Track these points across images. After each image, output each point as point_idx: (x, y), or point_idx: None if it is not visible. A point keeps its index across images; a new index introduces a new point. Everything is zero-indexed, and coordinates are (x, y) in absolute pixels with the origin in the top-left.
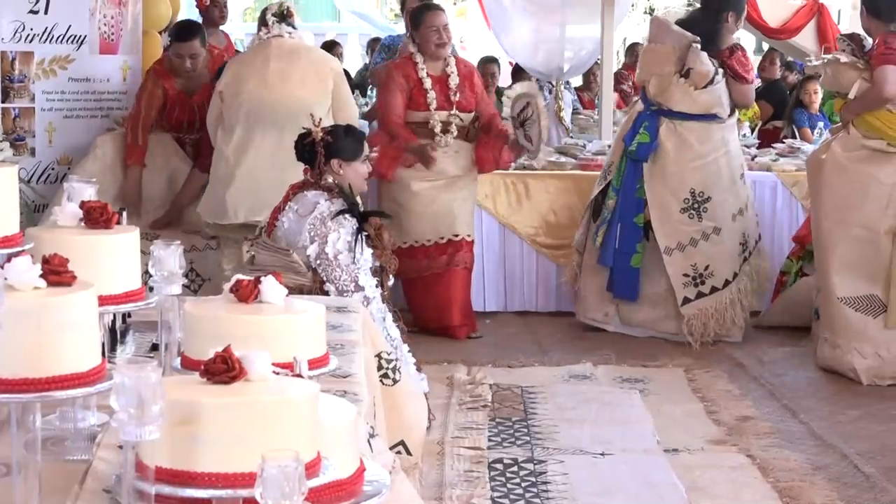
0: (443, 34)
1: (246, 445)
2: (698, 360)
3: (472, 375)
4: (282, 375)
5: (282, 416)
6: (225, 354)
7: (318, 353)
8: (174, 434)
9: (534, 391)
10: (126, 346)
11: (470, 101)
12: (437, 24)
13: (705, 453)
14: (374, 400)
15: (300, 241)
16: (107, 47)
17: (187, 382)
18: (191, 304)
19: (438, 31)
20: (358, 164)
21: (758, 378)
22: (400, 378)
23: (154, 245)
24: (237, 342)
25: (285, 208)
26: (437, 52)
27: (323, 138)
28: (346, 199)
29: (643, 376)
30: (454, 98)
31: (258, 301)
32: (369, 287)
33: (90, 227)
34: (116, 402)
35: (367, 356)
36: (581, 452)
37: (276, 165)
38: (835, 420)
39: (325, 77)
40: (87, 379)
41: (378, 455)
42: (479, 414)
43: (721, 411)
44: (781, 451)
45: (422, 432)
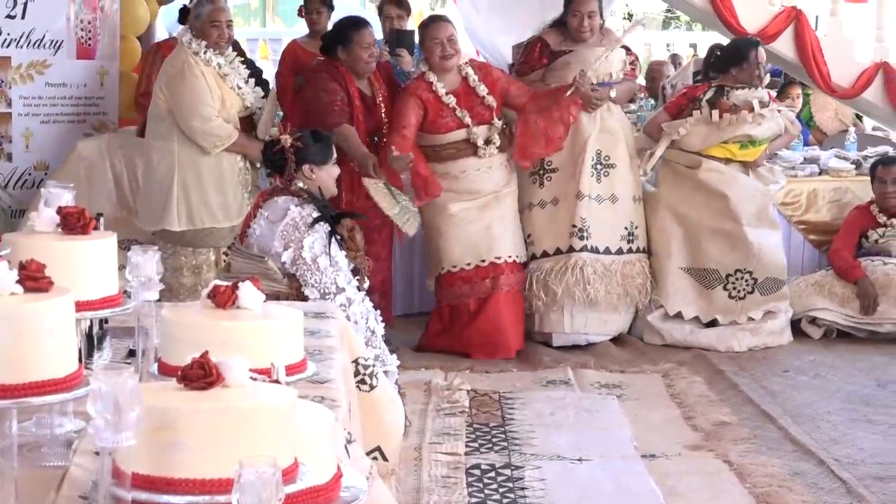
0: (447, 46)
1: (223, 451)
2: (676, 365)
3: (450, 381)
4: (259, 381)
5: (259, 422)
6: (202, 360)
7: (296, 358)
8: (151, 440)
9: (511, 397)
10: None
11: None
12: (441, 37)
13: (683, 459)
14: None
15: (273, 248)
16: (84, 52)
17: (164, 388)
18: (168, 309)
19: (442, 43)
20: (329, 168)
21: (736, 384)
22: (377, 384)
23: (131, 251)
24: (215, 348)
25: (256, 215)
26: (443, 64)
27: (293, 144)
28: (317, 202)
29: (621, 382)
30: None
31: (236, 307)
32: (350, 288)
33: (67, 232)
34: (93, 408)
35: (345, 362)
36: (558, 458)
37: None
38: (813, 426)
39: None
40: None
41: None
42: (456, 420)
43: (699, 417)
44: (759, 456)
45: (399, 438)
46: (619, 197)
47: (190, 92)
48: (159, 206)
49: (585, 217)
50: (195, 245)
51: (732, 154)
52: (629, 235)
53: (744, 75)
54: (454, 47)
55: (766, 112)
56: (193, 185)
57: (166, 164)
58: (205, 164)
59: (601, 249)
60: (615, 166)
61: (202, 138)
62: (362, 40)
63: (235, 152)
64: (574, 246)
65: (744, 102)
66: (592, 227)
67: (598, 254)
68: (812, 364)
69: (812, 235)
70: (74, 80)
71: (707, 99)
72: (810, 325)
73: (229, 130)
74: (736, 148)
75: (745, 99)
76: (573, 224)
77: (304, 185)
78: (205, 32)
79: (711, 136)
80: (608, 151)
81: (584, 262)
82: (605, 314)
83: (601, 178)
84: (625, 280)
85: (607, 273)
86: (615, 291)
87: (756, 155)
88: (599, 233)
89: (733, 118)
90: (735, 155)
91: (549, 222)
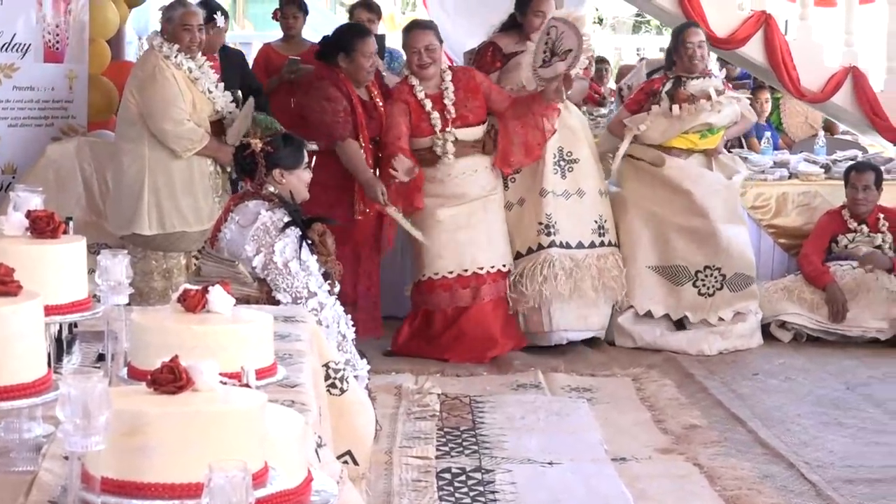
0: (423, 56)
1: (193, 455)
2: (647, 369)
3: (420, 385)
4: (229, 385)
5: (229, 426)
6: (172, 364)
7: (266, 362)
8: (121, 444)
9: (482, 400)
10: (72, 357)
11: (478, 112)
12: (418, 46)
13: (653, 462)
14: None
15: (244, 252)
16: (52, 56)
17: (134, 393)
18: (138, 313)
19: (419, 52)
20: (300, 172)
21: (706, 387)
22: (347, 388)
23: (101, 255)
24: (184, 352)
25: (227, 219)
26: (419, 73)
27: (263, 148)
28: (288, 206)
29: (591, 385)
30: (449, 116)
31: (206, 311)
32: (321, 292)
33: (36, 236)
34: (62, 412)
35: (315, 366)
36: (529, 462)
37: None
38: (783, 429)
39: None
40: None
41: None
42: (427, 423)
43: (669, 420)
44: (729, 459)
45: (369, 442)
46: (586, 191)
47: (161, 95)
48: (130, 210)
49: (551, 213)
50: (165, 249)
51: (694, 144)
52: (599, 229)
53: (682, 61)
54: (431, 56)
55: (722, 99)
56: (164, 188)
57: (137, 167)
58: (175, 167)
59: (573, 244)
60: (578, 161)
61: (173, 142)
62: (365, 49)
63: (206, 156)
64: (542, 243)
65: (700, 91)
66: (560, 223)
67: (570, 249)
68: (782, 367)
69: (782, 239)
70: (42, 84)
71: (666, 91)
72: (780, 329)
73: (201, 134)
74: (697, 137)
75: (700, 88)
76: (539, 221)
77: (274, 189)
78: (176, 36)
79: (672, 128)
80: (570, 147)
81: (553, 259)
82: (584, 310)
83: (565, 173)
84: (601, 273)
85: (580, 267)
86: (592, 285)
87: (716, 142)
88: (569, 228)
89: (691, 108)
90: (696, 144)
91: (517, 223)
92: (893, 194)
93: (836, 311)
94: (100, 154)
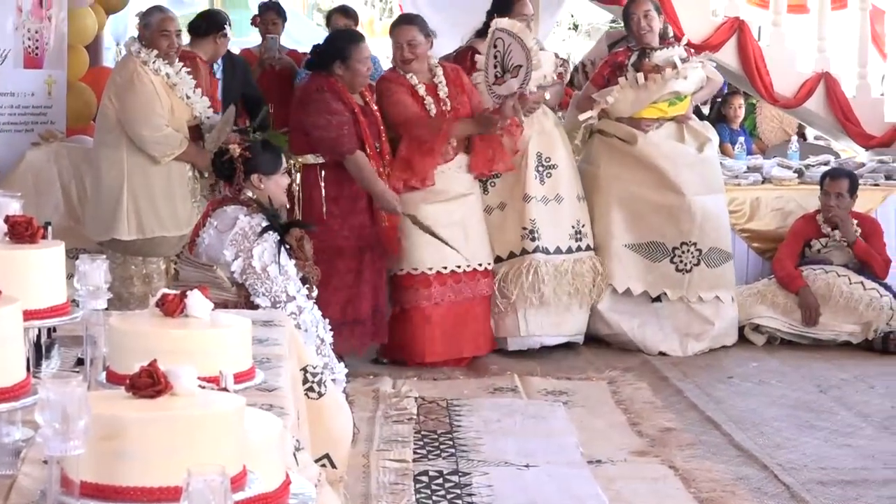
0: (405, 51)
1: (172, 459)
2: (622, 372)
3: (398, 388)
4: (208, 389)
5: (207, 430)
6: (150, 369)
7: (244, 366)
8: (99, 449)
9: (459, 404)
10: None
11: (466, 105)
12: (401, 41)
13: (628, 464)
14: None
15: (222, 257)
16: (31, 61)
17: (113, 397)
18: (116, 318)
19: (402, 47)
20: (278, 177)
21: (680, 390)
22: (325, 391)
23: (79, 260)
24: (163, 356)
25: (205, 224)
26: (404, 67)
27: (241, 154)
28: (266, 211)
29: (567, 389)
30: (444, 108)
31: (184, 315)
32: (300, 296)
33: (15, 241)
34: (41, 416)
35: (293, 370)
36: (505, 464)
37: None
38: (757, 432)
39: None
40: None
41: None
42: (404, 427)
43: (644, 423)
44: (703, 461)
45: (347, 445)
46: (564, 196)
47: (140, 101)
48: (108, 216)
49: (535, 218)
50: (144, 254)
51: (664, 112)
52: (577, 234)
53: (632, 33)
54: (413, 52)
55: (688, 66)
56: (143, 194)
57: (115, 173)
58: (154, 173)
59: (552, 250)
60: (557, 166)
61: (152, 147)
62: (361, 54)
63: (184, 161)
64: (527, 248)
65: (665, 61)
66: (542, 229)
67: (550, 254)
68: (756, 370)
69: (755, 243)
70: (22, 90)
71: (632, 63)
72: (754, 333)
73: (179, 139)
74: (666, 105)
75: (665, 58)
76: (523, 227)
77: (253, 194)
78: (154, 42)
79: (641, 99)
80: (549, 153)
81: (539, 263)
82: (557, 316)
83: (544, 179)
84: (575, 279)
85: (558, 273)
86: (566, 291)
87: (685, 108)
88: (549, 233)
89: (657, 77)
90: (666, 112)
91: (498, 227)
92: (866, 199)
93: (808, 315)
94: (78, 159)
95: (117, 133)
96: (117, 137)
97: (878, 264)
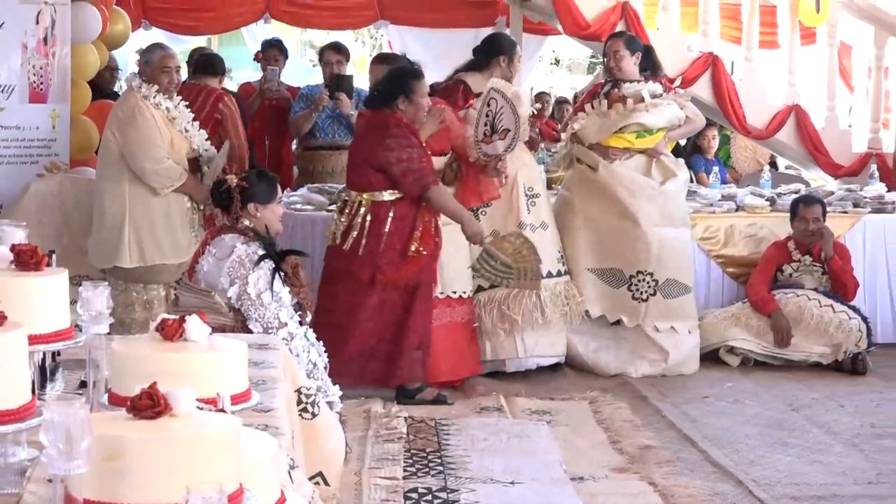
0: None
1: (171, 478)
2: (603, 392)
3: (388, 409)
4: (206, 410)
5: (206, 449)
6: (151, 391)
7: (241, 388)
8: (102, 468)
9: (447, 423)
10: (55, 384)
11: (441, 142)
12: (375, 75)
13: (609, 481)
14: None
15: (220, 284)
16: (36, 96)
17: (114, 418)
18: (118, 342)
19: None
20: (273, 206)
21: (659, 409)
22: (319, 412)
23: (82, 286)
24: (163, 379)
25: (204, 252)
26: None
27: (238, 184)
28: (262, 240)
29: (551, 408)
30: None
31: (183, 339)
32: (292, 323)
33: (20, 269)
34: (46, 437)
35: (288, 391)
36: (492, 481)
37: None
38: (732, 449)
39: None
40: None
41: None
42: (394, 446)
43: (624, 441)
44: (681, 478)
45: (339, 463)
46: (548, 224)
47: (142, 134)
48: (111, 245)
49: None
50: (145, 281)
51: (630, 143)
52: (561, 259)
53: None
54: None
55: (658, 102)
56: (144, 223)
57: (118, 205)
58: (155, 203)
59: (544, 274)
60: (539, 196)
61: (153, 179)
62: (422, 90)
63: (183, 193)
64: None
65: (633, 94)
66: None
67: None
68: (730, 390)
69: (730, 268)
70: (27, 123)
71: (604, 93)
72: (728, 354)
73: (179, 172)
74: (633, 137)
75: (634, 91)
76: None
77: (250, 223)
78: (156, 78)
79: (605, 127)
80: (531, 183)
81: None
82: (553, 336)
83: (530, 208)
84: (569, 300)
85: (553, 295)
86: (561, 312)
87: (654, 142)
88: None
89: (621, 107)
90: (633, 144)
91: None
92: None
93: (780, 337)
94: (81, 190)
95: (120, 165)
96: (119, 170)
97: (850, 281)
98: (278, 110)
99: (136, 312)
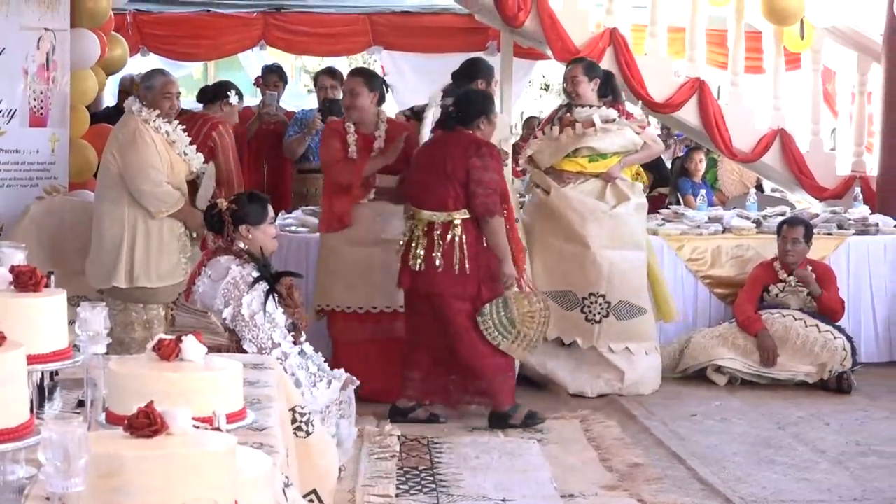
0: (348, 98)
1: (167, 496)
2: (592, 411)
3: (381, 427)
4: (202, 429)
5: (201, 467)
6: (147, 410)
7: (236, 407)
8: (99, 486)
9: (439, 441)
10: (53, 403)
11: (397, 163)
12: (345, 88)
13: (600, 498)
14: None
15: (215, 305)
16: (36, 120)
17: (111, 437)
18: (115, 362)
19: (345, 93)
20: (265, 227)
21: (647, 427)
22: (313, 430)
23: (80, 307)
24: (159, 398)
25: (200, 273)
26: (347, 113)
27: (229, 207)
28: (257, 262)
29: (542, 427)
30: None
31: (179, 359)
32: (285, 343)
33: (20, 290)
34: (44, 455)
35: (282, 410)
36: (484, 499)
37: None
38: (719, 466)
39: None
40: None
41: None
42: (387, 464)
43: (614, 459)
44: (669, 495)
45: (333, 481)
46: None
47: (141, 157)
48: (109, 265)
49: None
50: (144, 301)
51: (583, 167)
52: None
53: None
54: (353, 101)
55: (610, 127)
56: (141, 245)
57: (117, 227)
58: (152, 226)
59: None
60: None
61: (150, 202)
62: (496, 110)
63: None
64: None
65: (585, 119)
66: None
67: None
68: (718, 409)
69: (717, 289)
70: (27, 147)
71: (558, 117)
72: (716, 374)
73: (177, 197)
74: (585, 161)
75: (586, 115)
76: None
77: (244, 245)
78: (157, 103)
79: (558, 151)
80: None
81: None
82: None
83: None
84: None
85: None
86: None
87: (606, 167)
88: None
89: (571, 131)
90: (585, 167)
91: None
92: (820, 247)
93: (767, 357)
94: (79, 212)
95: (119, 188)
96: (119, 192)
97: (838, 308)
98: (276, 134)
99: (135, 332)
